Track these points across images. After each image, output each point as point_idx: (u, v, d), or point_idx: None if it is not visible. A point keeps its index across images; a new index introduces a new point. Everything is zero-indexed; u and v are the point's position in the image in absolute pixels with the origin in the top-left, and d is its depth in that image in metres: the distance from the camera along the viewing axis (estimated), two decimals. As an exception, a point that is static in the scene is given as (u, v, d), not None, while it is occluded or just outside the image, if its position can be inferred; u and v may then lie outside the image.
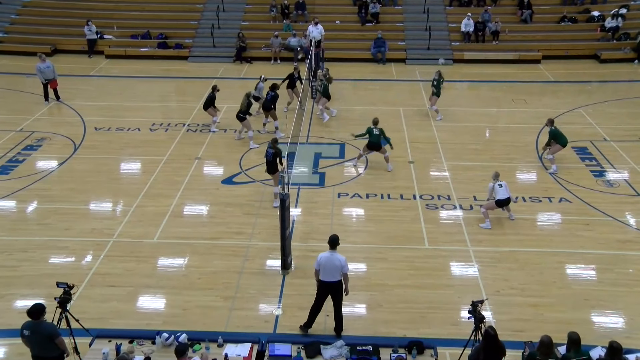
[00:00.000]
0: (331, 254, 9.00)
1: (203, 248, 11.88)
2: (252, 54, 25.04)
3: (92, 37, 25.22)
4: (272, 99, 16.77)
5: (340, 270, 9.02)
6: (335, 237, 9.16)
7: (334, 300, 9.29)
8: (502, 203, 12.37)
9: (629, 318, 9.95)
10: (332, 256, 8.98)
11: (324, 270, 9.02)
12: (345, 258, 9.09)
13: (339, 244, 9.17)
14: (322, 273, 9.05)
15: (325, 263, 8.97)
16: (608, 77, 22.91)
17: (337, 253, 9.05)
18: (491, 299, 10.18)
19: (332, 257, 8.98)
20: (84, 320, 8.99)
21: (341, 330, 9.42)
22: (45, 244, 11.98)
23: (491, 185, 12.43)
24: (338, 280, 9.12)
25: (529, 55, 24.80)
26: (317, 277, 9.16)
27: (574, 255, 11.64)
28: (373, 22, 26.12)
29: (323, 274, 9.05)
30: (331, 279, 9.06)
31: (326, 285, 9.12)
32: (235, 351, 8.28)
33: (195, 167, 15.29)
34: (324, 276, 9.06)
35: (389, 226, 12.64)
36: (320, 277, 9.11)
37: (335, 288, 9.15)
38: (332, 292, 9.20)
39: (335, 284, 9.12)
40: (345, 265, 9.02)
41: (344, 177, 14.83)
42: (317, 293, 9.32)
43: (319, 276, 9.11)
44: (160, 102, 20.71)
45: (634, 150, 16.15)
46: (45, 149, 16.39)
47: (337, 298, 9.27)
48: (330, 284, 9.11)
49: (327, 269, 8.99)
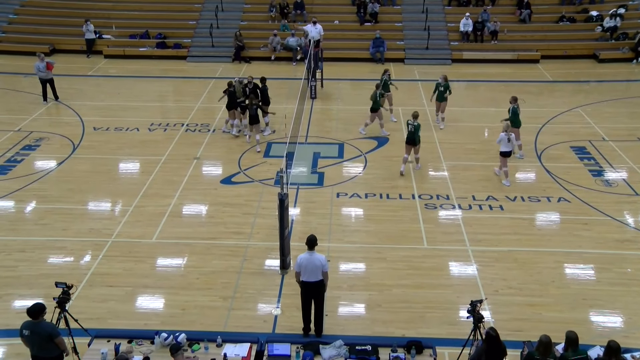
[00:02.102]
0: (310, 254, 9.02)
1: (202, 248, 11.88)
2: (251, 53, 25.04)
3: (91, 36, 25.19)
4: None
5: (320, 269, 9.06)
6: (314, 237, 9.17)
7: (315, 301, 9.29)
8: (506, 155, 14.05)
9: (627, 317, 9.97)
10: (312, 256, 9.00)
11: (305, 270, 9.04)
12: (325, 257, 9.12)
13: (317, 245, 9.15)
14: (304, 274, 9.08)
15: (306, 264, 9.00)
16: (606, 77, 22.94)
17: (316, 253, 9.06)
18: (490, 299, 10.19)
19: (311, 257, 9.00)
20: (83, 320, 8.98)
21: (321, 331, 9.43)
22: (44, 244, 11.97)
23: (502, 135, 13.95)
24: (319, 280, 9.14)
25: (527, 55, 24.81)
26: (298, 278, 9.18)
27: (572, 255, 11.65)
28: (372, 21, 26.13)
29: (304, 274, 9.08)
30: (312, 279, 9.08)
31: (308, 285, 9.14)
32: (234, 351, 8.27)
33: (194, 167, 15.28)
34: (305, 277, 9.09)
35: (388, 226, 12.64)
36: (301, 278, 9.13)
37: (317, 287, 9.16)
38: (314, 292, 9.19)
39: (317, 284, 9.13)
40: (325, 264, 9.07)
41: (342, 177, 14.83)
42: (301, 295, 9.32)
43: (300, 277, 9.13)
44: (158, 102, 20.71)
45: (633, 149, 16.17)
46: (43, 149, 16.37)
47: (319, 298, 9.28)
48: (312, 284, 9.11)
49: (308, 269, 9.02)
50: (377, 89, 16.70)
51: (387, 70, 18.34)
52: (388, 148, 16.43)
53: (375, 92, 16.53)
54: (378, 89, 16.70)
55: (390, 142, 16.75)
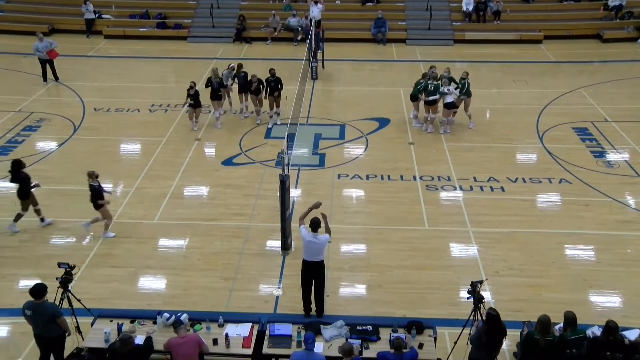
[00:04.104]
0: (314, 236, 9.01)
1: (203, 229, 11.92)
2: (252, 34, 24.83)
3: (90, 16, 24.98)
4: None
5: (322, 250, 9.10)
6: (317, 219, 9.13)
7: (316, 281, 9.32)
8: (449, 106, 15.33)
9: (626, 298, 10.02)
10: (316, 237, 9.01)
11: (308, 250, 9.09)
12: (327, 236, 9.14)
13: (321, 227, 9.12)
14: (306, 253, 9.13)
15: (308, 244, 9.03)
16: (610, 57, 22.75)
17: (319, 234, 9.05)
18: (490, 280, 10.24)
19: (315, 238, 9.01)
20: (86, 300, 9.04)
21: (322, 312, 9.48)
22: (46, 224, 12.01)
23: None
24: (321, 260, 9.18)
25: (530, 36, 24.58)
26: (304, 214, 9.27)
27: (572, 236, 11.68)
28: (373, 1, 25.87)
29: (306, 253, 9.13)
30: (314, 259, 9.12)
31: (310, 265, 9.18)
32: (235, 331, 8.35)
33: (195, 149, 15.26)
34: (307, 256, 9.14)
35: (389, 207, 12.66)
36: (303, 257, 9.19)
37: (318, 268, 9.20)
38: (315, 273, 9.23)
39: (318, 264, 9.18)
40: (327, 238, 9.11)
41: (344, 158, 14.81)
42: (302, 276, 9.34)
43: (302, 255, 9.18)
44: (159, 82, 20.59)
45: (635, 130, 16.11)
46: (44, 129, 16.35)
47: (320, 279, 9.31)
48: (314, 264, 9.16)
49: (311, 249, 9.06)
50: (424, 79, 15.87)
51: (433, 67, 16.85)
52: (389, 129, 16.39)
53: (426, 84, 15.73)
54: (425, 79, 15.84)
55: (391, 124, 16.70)
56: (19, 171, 11.60)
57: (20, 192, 11.67)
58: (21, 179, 11.59)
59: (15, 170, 11.57)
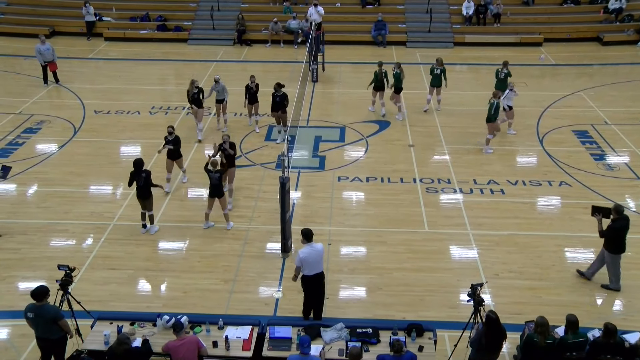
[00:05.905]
0: (311, 246, 8.84)
1: (203, 231, 11.91)
2: (252, 36, 24.86)
3: (91, 19, 24.99)
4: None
5: (322, 259, 8.92)
6: (309, 230, 8.96)
7: (318, 294, 9.21)
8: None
9: (626, 300, 10.03)
10: (313, 248, 8.83)
11: (307, 265, 8.84)
12: (321, 245, 9.00)
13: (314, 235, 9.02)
14: (306, 268, 8.88)
15: (307, 257, 8.79)
16: (610, 60, 22.76)
17: (314, 243, 8.91)
18: (490, 282, 10.23)
19: (312, 249, 8.82)
20: (86, 302, 9.04)
21: (320, 315, 9.36)
22: (46, 227, 12.01)
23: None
24: (321, 272, 9.03)
25: (530, 38, 24.60)
26: (298, 272, 8.93)
27: (572, 239, 11.68)
28: (374, 4, 25.87)
29: (307, 268, 8.88)
30: (315, 271, 8.94)
31: (311, 279, 8.99)
32: (235, 333, 8.34)
33: (195, 150, 15.27)
34: (308, 271, 8.90)
35: (389, 209, 12.66)
36: (303, 273, 8.93)
37: (320, 279, 9.07)
38: (317, 284, 9.09)
39: (320, 275, 9.03)
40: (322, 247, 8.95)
41: (344, 160, 14.81)
42: (304, 290, 9.19)
43: (302, 272, 8.91)
44: (159, 85, 20.62)
45: (635, 133, 16.11)
46: (44, 132, 16.35)
47: (321, 288, 9.20)
48: (315, 277, 8.98)
49: (310, 262, 8.83)
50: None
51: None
52: (389, 132, 16.40)
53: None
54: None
55: (391, 126, 16.71)
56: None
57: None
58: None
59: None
